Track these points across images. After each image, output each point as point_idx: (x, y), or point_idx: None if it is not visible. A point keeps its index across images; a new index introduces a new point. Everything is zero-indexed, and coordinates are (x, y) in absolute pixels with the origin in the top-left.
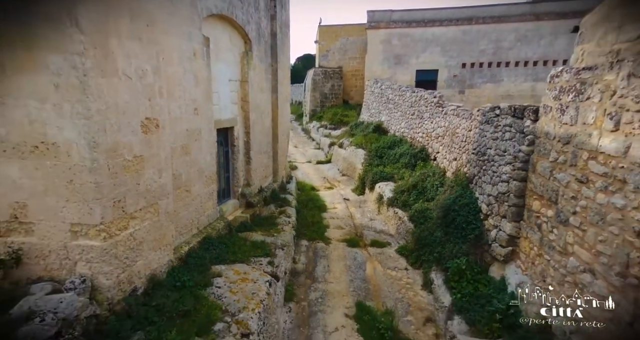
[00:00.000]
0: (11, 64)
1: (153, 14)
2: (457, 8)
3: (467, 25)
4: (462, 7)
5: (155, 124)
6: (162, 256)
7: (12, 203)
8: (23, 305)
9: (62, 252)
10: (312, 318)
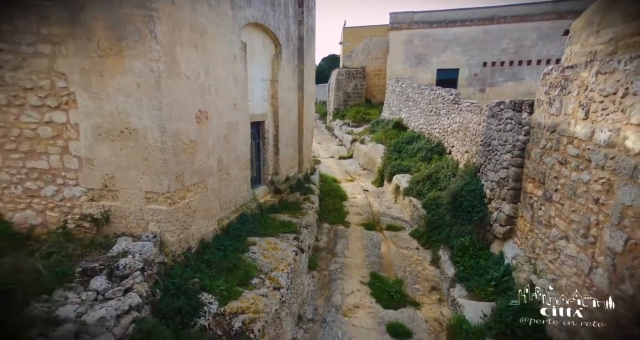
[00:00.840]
0: (107, 69)
1: (204, 26)
2: (479, 8)
3: (489, 24)
4: (483, 7)
5: (205, 116)
6: (209, 224)
7: (103, 175)
8: (119, 247)
9: (139, 213)
10: (332, 283)
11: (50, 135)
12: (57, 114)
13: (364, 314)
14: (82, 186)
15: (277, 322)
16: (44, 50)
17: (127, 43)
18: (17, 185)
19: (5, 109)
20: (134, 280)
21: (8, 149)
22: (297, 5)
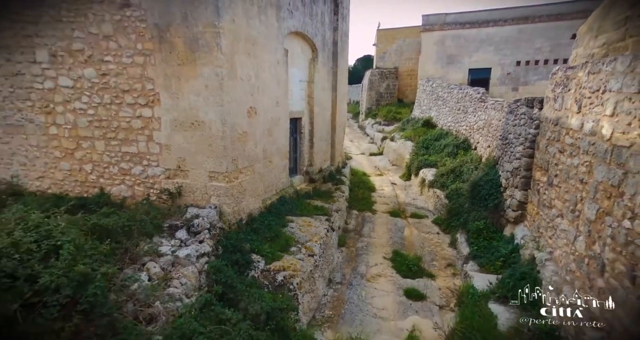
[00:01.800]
0: (183, 75)
1: (256, 37)
2: (513, 8)
3: (523, 24)
4: (518, 7)
5: (255, 111)
6: (255, 202)
7: (177, 158)
8: (191, 212)
9: (203, 189)
10: (358, 257)
11: (140, 126)
12: (146, 110)
13: (384, 281)
14: (161, 167)
15: (312, 280)
16: (138, 61)
17: (199, 54)
18: (114, 165)
19: (108, 106)
20: (204, 235)
21: (109, 137)
22: (333, 13)
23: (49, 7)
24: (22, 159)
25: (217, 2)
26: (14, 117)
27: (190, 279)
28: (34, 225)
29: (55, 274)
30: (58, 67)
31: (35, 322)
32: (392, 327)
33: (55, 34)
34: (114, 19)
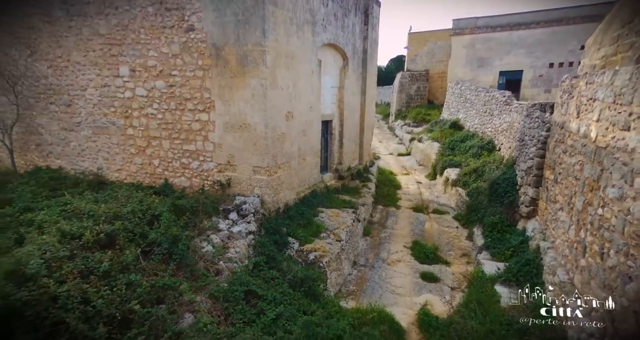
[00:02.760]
0: (234, 85)
1: (294, 52)
2: (546, 11)
3: (556, 26)
4: (551, 9)
5: (292, 115)
6: (291, 194)
7: (228, 154)
8: (238, 200)
9: (248, 181)
10: (381, 245)
11: (198, 128)
12: (203, 114)
13: (403, 265)
14: (214, 162)
15: (338, 261)
16: (198, 74)
17: (248, 68)
18: (176, 160)
19: (174, 111)
20: (250, 218)
21: (173, 137)
22: (363, 23)
23: (131, 31)
24: (105, 155)
25: (264, 26)
26: (101, 120)
27: (241, 249)
28: (139, 201)
29: (158, 233)
30: (136, 80)
31: (150, 263)
32: (407, 301)
33: (135, 53)
34: (181, 40)
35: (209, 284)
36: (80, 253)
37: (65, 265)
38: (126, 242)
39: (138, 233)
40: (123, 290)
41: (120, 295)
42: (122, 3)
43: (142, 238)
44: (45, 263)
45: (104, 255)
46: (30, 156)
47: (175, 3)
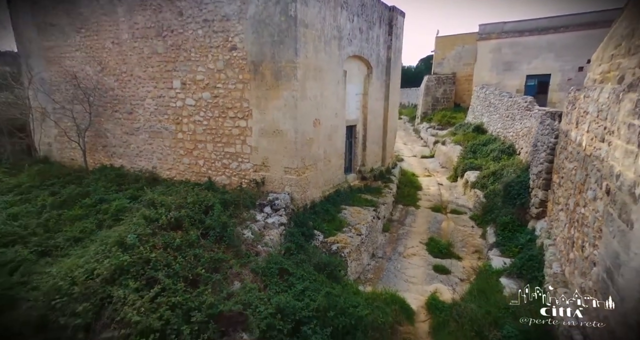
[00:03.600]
0: (269, 96)
1: (322, 65)
2: (575, 14)
3: (585, 30)
4: (581, 13)
5: (319, 122)
6: (317, 192)
7: (262, 157)
8: (271, 196)
9: (279, 180)
10: (398, 240)
11: (237, 133)
12: (242, 121)
13: (418, 258)
14: (251, 163)
15: (358, 252)
16: (239, 87)
17: (281, 82)
18: (218, 161)
19: (217, 119)
20: (282, 212)
21: (216, 141)
22: (387, 34)
23: (184, 50)
24: (159, 155)
25: (295, 45)
26: (156, 126)
27: (275, 237)
28: (196, 194)
29: (212, 220)
30: (186, 92)
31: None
32: (419, 289)
33: (186, 69)
34: (225, 58)
35: (251, 262)
36: (159, 232)
37: (151, 239)
38: (190, 226)
39: (197, 219)
40: (191, 260)
41: (189, 263)
42: (177, 27)
43: (200, 223)
44: (137, 237)
45: (175, 234)
46: (98, 156)
47: (222, 26)
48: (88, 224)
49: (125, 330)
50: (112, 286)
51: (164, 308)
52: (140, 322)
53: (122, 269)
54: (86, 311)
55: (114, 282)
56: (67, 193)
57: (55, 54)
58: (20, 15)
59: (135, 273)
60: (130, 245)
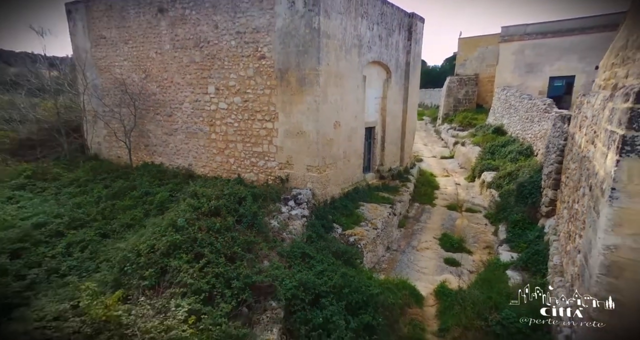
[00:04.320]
0: (294, 101)
1: (342, 72)
2: (601, 16)
3: (611, 31)
4: (606, 14)
5: (339, 124)
6: (336, 189)
7: (287, 156)
8: (295, 191)
9: (302, 177)
10: (413, 235)
11: (264, 134)
12: (269, 123)
13: (430, 252)
14: (276, 161)
15: (374, 244)
16: (266, 92)
17: (305, 87)
18: (247, 160)
19: (246, 121)
20: (304, 205)
21: (245, 141)
22: (407, 39)
23: (218, 59)
24: (194, 154)
25: (318, 55)
26: (192, 127)
27: (298, 226)
28: (230, 187)
29: (245, 209)
30: (219, 96)
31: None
32: (429, 278)
33: (219, 76)
34: (255, 66)
35: (277, 246)
36: (202, 217)
37: (196, 223)
38: (226, 213)
39: (232, 208)
40: (229, 241)
41: (228, 243)
42: (213, 39)
43: (235, 211)
44: (186, 221)
45: (215, 220)
46: (140, 154)
47: (252, 38)
48: (137, 213)
49: (183, 289)
50: (168, 258)
51: (210, 276)
52: (194, 284)
53: (175, 245)
54: (151, 276)
55: (169, 255)
56: (118, 186)
57: (106, 63)
58: (77, 30)
59: (186, 249)
60: (180, 227)
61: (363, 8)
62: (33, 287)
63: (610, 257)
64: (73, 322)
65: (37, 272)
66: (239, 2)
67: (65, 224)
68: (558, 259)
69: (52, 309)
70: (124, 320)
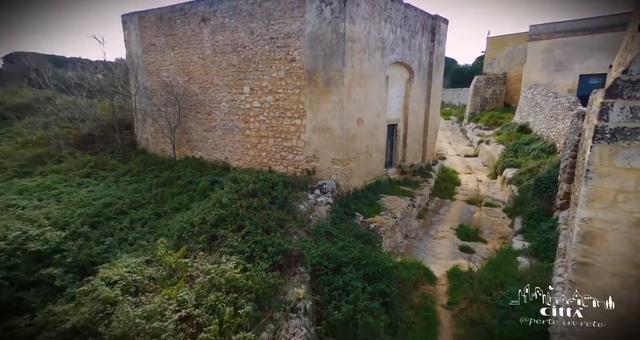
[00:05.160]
0: (320, 100)
1: (366, 73)
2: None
3: None
4: None
5: (362, 121)
6: (359, 181)
7: (313, 150)
8: (320, 182)
9: (327, 170)
10: (431, 226)
11: (293, 130)
12: (297, 120)
13: (446, 240)
14: (304, 155)
15: (393, 231)
16: (296, 92)
17: (330, 87)
18: (277, 153)
19: (277, 118)
20: (329, 194)
21: (276, 137)
22: (430, 41)
23: (252, 62)
24: (230, 148)
25: (343, 57)
26: (228, 124)
27: (322, 211)
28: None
29: (277, 192)
30: (254, 96)
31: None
32: (443, 263)
33: (254, 77)
34: (286, 68)
35: (304, 225)
36: (242, 197)
37: (237, 202)
38: (262, 195)
39: (266, 191)
40: (265, 217)
41: (264, 218)
42: (249, 44)
43: (268, 194)
44: (229, 200)
45: (253, 200)
46: (183, 149)
47: (284, 42)
48: (183, 198)
49: (230, 250)
50: (216, 228)
51: (250, 242)
52: (238, 246)
53: (221, 219)
54: (204, 241)
55: (217, 226)
56: (165, 176)
57: (154, 67)
58: (131, 38)
59: (230, 221)
60: (225, 204)
61: (386, 12)
62: (109, 251)
63: (584, 228)
64: (151, 269)
65: (111, 241)
66: (273, 11)
67: (127, 204)
68: (563, 244)
69: (131, 261)
70: (189, 266)
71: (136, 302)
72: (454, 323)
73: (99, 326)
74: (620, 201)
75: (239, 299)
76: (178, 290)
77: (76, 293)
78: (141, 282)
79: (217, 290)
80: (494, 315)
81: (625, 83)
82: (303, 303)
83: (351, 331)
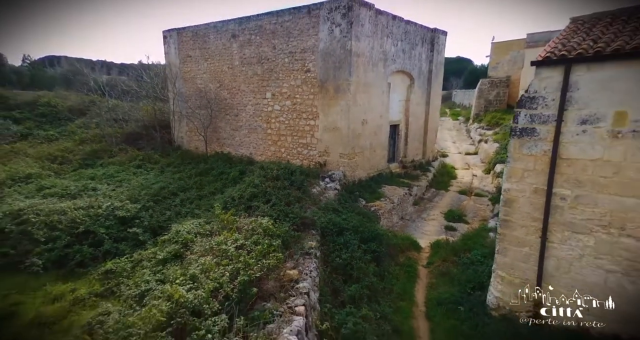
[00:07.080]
0: (330, 104)
1: (369, 81)
2: None
3: None
4: None
5: (366, 122)
6: (363, 173)
7: (325, 146)
8: (330, 172)
9: (336, 162)
10: (424, 211)
11: (308, 129)
12: (311, 121)
13: (435, 221)
14: (317, 150)
15: (390, 214)
16: (310, 97)
17: (339, 94)
18: (294, 149)
19: (295, 119)
20: (337, 182)
21: (293, 135)
22: (429, 51)
23: (274, 72)
24: (254, 145)
25: (350, 69)
26: (253, 124)
27: (331, 195)
28: (285, 164)
29: (295, 177)
30: (275, 100)
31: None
32: (430, 238)
33: (275, 85)
34: (302, 77)
35: (317, 203)
36: (268, 180)
37: (265, 183)
38: (283, 179)
39: (287, 177)
40: (286, 194)
41: (286, 195)
42: (271, 56)
43: (288, 179)
44: (259, 181)
45: (277, 182)
46: (213, 146)
47: (301, 56)
48: (217, 185)
49: (261, 214)
50: (250, 201)
51: (276, 210)
52: (267, 212)
53: (254, 195)
54: (242, 209)
55: (251, 200)
56: (201, 168)
57: (190, 76)
58: (170, 51)
59: (260, 196)
60: (256, 184)
61: (388, 29)
62: (171, 219)
63: (505, 196)
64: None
65: (170, 213)
66: (292, 30)
67: (175, 188)
68: None
69: (188, 225)
70: (236, 221)
71: (206, 240)
72: (429, 276)
73: (183, 254)
74: (525, 177)
75: (271, 240)
76: (232, 233)
77: (159, 241)
78: (204, 231)
79: (257, 234)
80: (458, 269)
81: (526, 98)
82: (314, 250)
83: (348, 272)
